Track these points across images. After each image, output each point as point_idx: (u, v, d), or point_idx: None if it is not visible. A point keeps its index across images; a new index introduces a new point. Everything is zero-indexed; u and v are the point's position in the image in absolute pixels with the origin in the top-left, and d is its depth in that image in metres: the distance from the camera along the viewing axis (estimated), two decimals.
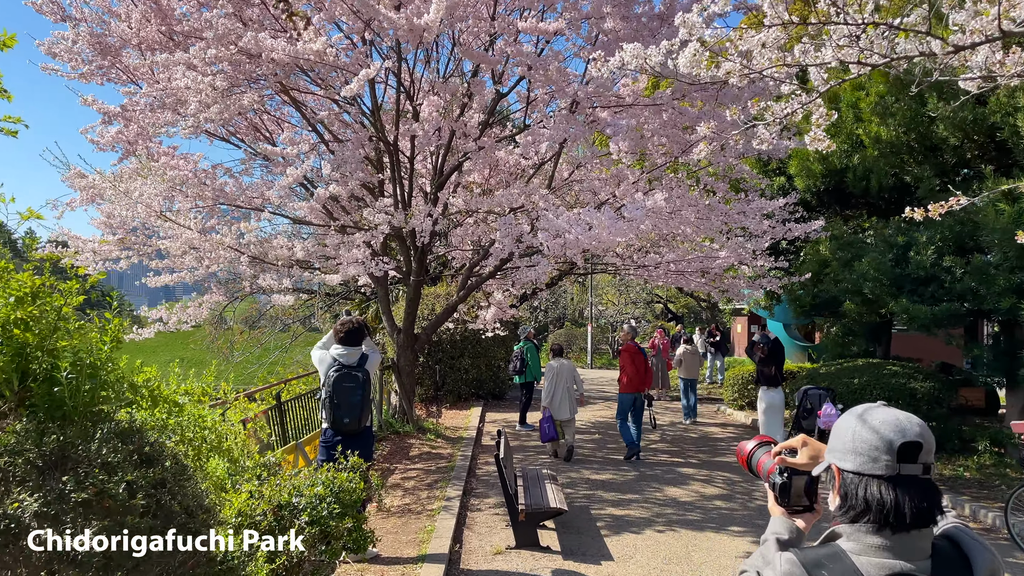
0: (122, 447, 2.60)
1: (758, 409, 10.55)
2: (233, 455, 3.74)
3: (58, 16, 9.92)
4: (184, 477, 2.74)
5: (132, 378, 3.11)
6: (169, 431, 3.22)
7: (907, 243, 9.79)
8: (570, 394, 10.60)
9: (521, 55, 7.56)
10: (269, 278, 10.40)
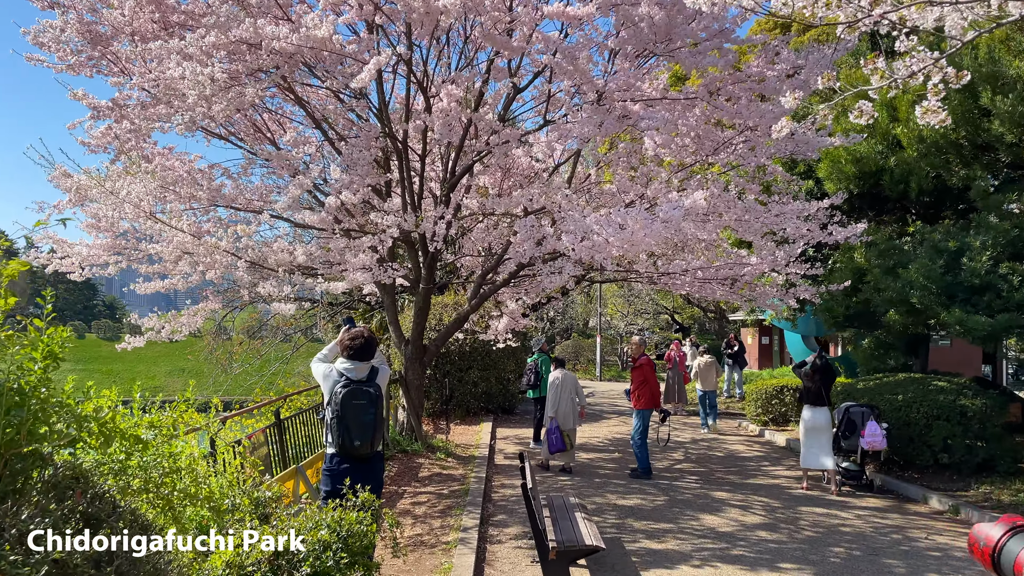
0: (54, 505, 1.86)
1: (800, 430, 9.72)
2: (218, 504, 2.97)
3: (45, 3, 9.23)
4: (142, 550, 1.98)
5: (78, 407, 2.36)
6: (129, 475, 2.47)
7: (959, 248, 9.04)
8: (574, 405, 10.56)
9: (546, 40, 6.83)
10: (269, 285, 9.69)
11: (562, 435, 10.34)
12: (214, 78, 7.41)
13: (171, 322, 10.64)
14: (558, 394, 10.43)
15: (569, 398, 10.48)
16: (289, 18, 7.61)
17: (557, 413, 10.34)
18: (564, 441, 10.34)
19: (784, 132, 3.97)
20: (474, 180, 11.53)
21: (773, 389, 14.72)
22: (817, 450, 9.48)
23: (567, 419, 10.41)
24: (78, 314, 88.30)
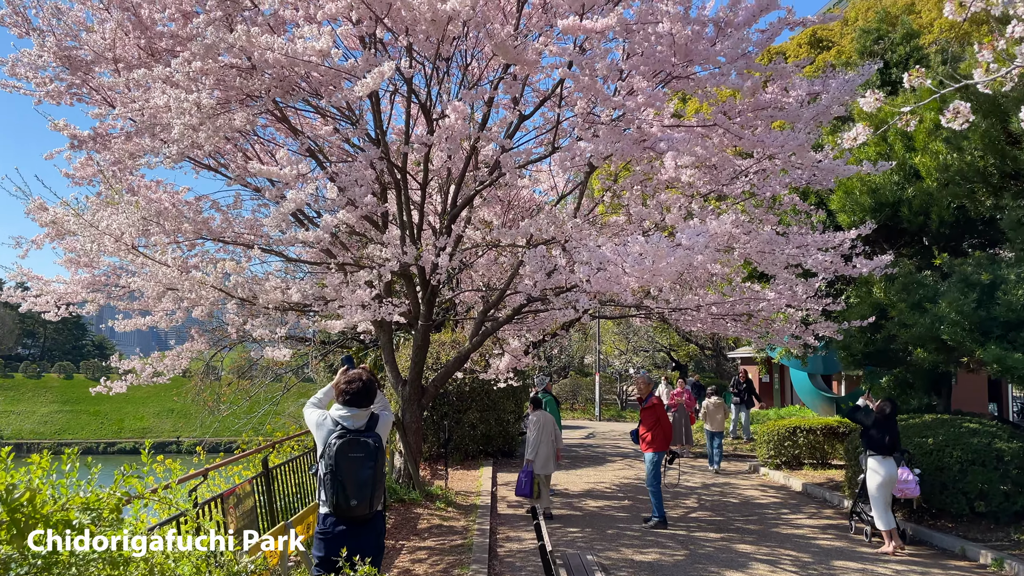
0: None
1: (871, 485, 8.70)
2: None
3: (23, 30, 8.75)
4: None
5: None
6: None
7: (992, 281, 8.52)
8: (553, 448, 10.19)
9: (563, 52, 6.36)
10: (260, 325, 9.09)
11: (533, 480, 9.98)
12: (200, 104, 6.90)
13: (154, 364, 10.01)
14: (538, 438, 10.06)
15: (549, 442, 10.11)
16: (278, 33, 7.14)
17: (536, 458, 9.95)
18: (532, 488, 9.96)
19: (858, 139, 3.42)
20: (475, 213, 11.04)
21: (785, 430, 14.09)
22: (888, 507, 8.61)
23: (547, 464, 10.07)
24: (66, 354, 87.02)
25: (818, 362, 18.05)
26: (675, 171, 7.44)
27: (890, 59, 13.12)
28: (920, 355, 9.75)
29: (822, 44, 21.60)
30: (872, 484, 8.61)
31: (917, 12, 21.36)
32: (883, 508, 8.56)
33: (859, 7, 23.29)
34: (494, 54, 7.11)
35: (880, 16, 14.45)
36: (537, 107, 8.94)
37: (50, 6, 8.45)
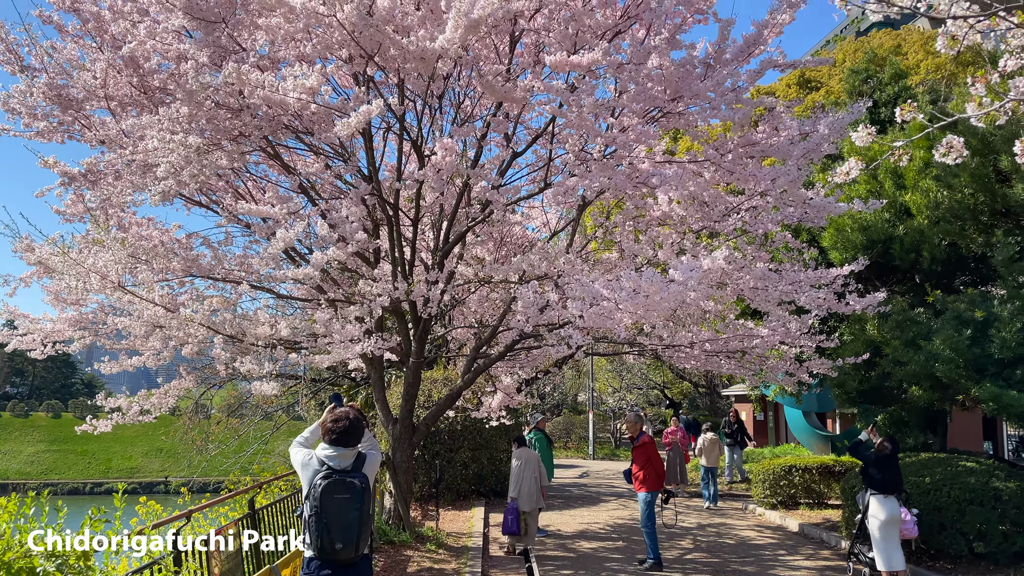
0: None
1: (871, 525, 8.39)
2: None
3: (15, 68, 8.75)
4: None
5: None
6: None
7: (986, 319, 8.49)
8: (537, 486, 10.22)
9: (551, 89, 6.37)
10: (249, 362, 8.97)
11: (519, 518, 9.98)
12: (187, 144, 6.88)
13: (141, 402, 9.86)
14: (521, 474, 10.11)
15: (532, 478, 10.14)
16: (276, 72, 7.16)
17: (520, 494, 10.01)
18: (520, 525, 9.99)
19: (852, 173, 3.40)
20: (467, 249, 11.00)
21: (781, 469, 13.92)
22: (894, 548, 8.23)
23: (530, 500, 10.09)
24: (55, 392, 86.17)
25: (812, 400, 17.95)
26: (667, 207, 7.44)
27: (879, 99, 13.27)
28: (915, 393, 9.67)
29: (811, 84, 21.90)
30: (874, 524, 8.40)
31: (904, 54, 21.73)
32: (891, 548, 8.30)
33: (847, 49, 23.70)
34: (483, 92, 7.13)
35: (868, 57, 14.65)
36: (529, 144, 8.97)
37: (45, 45, 8.47)
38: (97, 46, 8.40)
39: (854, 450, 9.09)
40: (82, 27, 8.20)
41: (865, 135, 3.45)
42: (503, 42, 7.81)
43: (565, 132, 7.43)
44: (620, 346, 10.84)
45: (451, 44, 5.46)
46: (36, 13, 8.17)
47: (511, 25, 7.31)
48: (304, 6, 5.87)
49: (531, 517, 10.23)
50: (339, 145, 8.91)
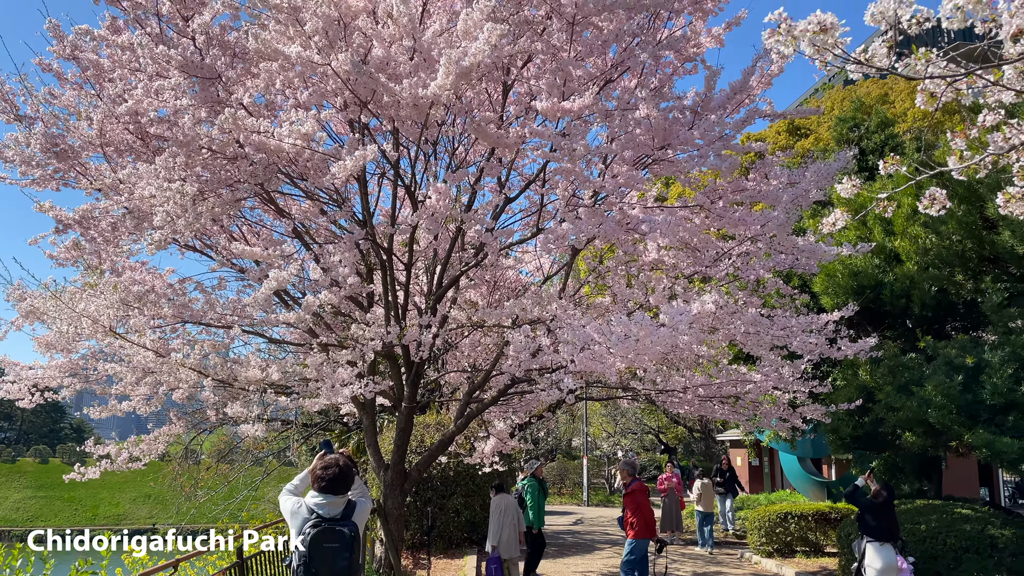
0: None
1: (867, 573, 8.32)
2: None
3: (11, 116, 8.83)
4: None
5: None
6: None
7: (977, 365, 8.53)
8: (516, 531, 10.25)
9: (542, 134, 6.48)
10: (238, 406, 8.90)
11: (503, 566, 9.96)
12: (184, 192, 6.95)
13: (130, 448, 9.75)
14: (500, 521, 10.10)
15: (511, 525, 10.15)
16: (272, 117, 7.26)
17: (500, 542, 9.98)
18: (504, 574, 9.97)
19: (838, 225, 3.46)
20: (461, 293, 11.03)
21: (777, 516, 13.79)
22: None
23: (510, 548, 10.09)
24: (43, 437, 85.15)
25: (807, 445, 17.85)
26: (657, 253, 7.50)
27: (866, 146, 13.49)
28: (908, 439, 9.66)
29: (800, 132, 22.24)
30: (871, 573, 8.30)
31: (891, 102, 22.13)
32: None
33: (835, 97, 24.14)
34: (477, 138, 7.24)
35: (855, 106, 14.94)
36: (522, 190, 9.07)
37: (43, 92, 8.56)
38: (96, 93, 8.50)
39: (850, 497, 9.04)
40: (81, 75, 8.31)
41: (850, 187, 3.52)
42: (496, 90, 7.95)
43: (556, 178, 7.53)
44: (613, 390, 10.81)
45: (443, 90, 5.57)
46: (36, 61, 8.29)
47: (503, 74, 7.45)
48: (299, 55, 5.99)
49: (513, 564, 10.20)
50: (334, 191, 8.99)
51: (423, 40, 6.14)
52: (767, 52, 7.12)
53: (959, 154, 3.01)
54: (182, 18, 7.57)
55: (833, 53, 2.67)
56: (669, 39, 7.20)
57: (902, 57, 2.88)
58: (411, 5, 5.89)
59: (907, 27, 2.63)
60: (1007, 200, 2.97)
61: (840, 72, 2.79)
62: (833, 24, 2.59)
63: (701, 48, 8.16)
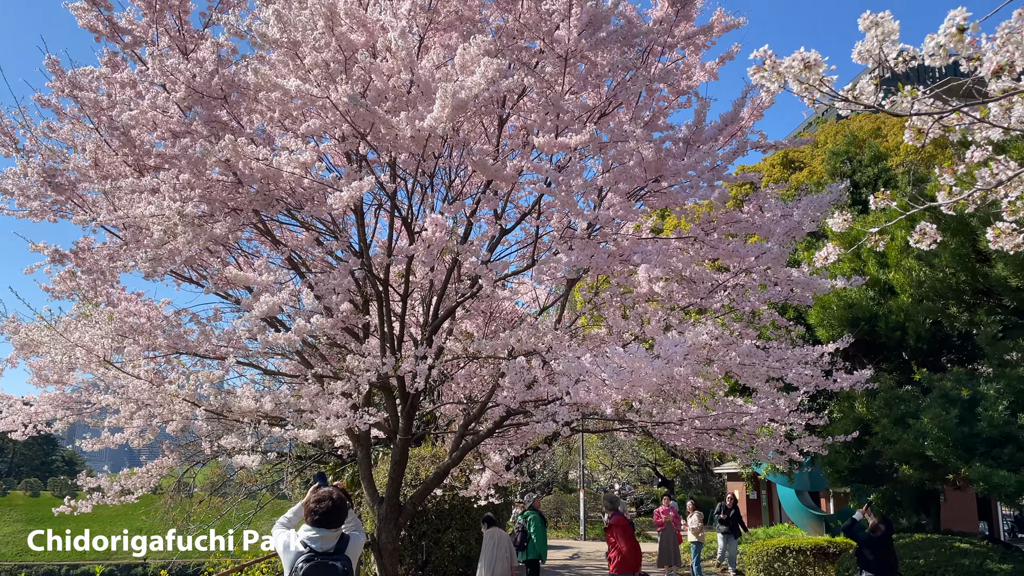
0: None
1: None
2: None
3: (10, 150, 8.90)
4: None
5: None
6: None
7: (972, 397, 8.53)
8: (509, 564, 10.32)
9: (539, 169, 6.54)
10: (233, 437, 8.84)
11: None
12: (183, 212, 6.98)
13: (122, 481, 9.66)
14: (493, 555, 10.12)
15: (504, 558, 10.17)
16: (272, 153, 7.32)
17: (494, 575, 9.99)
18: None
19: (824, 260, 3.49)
20: (457, 324, 11.03)
21: (775, 550, 13.67)
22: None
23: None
24: (35, 470, 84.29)
25: (805, 478, 17.77)
26: (651, 284, 7.53)
27: (860, 180, 13.63)
28: (906, 472, 9.62)
29: (794, 165, 22.44)
30: None
31: (883, 136, 22.36)
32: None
33: (828, 131, 24.40)
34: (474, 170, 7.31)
35: (848, 139, 15.12)
36: (518, 222, 9.12)
37: (41, 125, 8.63)
38: (95, 127, 8.57)
39: (848, 531, 8.98)
40: (80, 109, 8.39)
41: (841, 221, 3.56)
42: (492, 123, 8.04)
43: (551, 210, 7.58)
44: (610, 422, 10.76)
45: (439, 123, 5.64)
46: (34, 97, 8.37)
47: (499, 107, 7.54)
48: (299, 88, 6.06)
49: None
50: (331, 221, 9.04)
51: (421, 73, 6.23)
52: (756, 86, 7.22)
53: (948, 189, 3.05)
54: (182, 52, 7.67)
55: (819, 90, 2.72)
56: (662, 73, 7.31)
57: (890, 94, 2.93)
58: (409, 40, 5.98)
59: (893, 65, 2.68)
60: (997, 235, 3.01)
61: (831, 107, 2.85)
62: (816, 61, 2.64)
63: (694, 81, 8.28)
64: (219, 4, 8.40)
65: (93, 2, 7.77)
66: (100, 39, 7.95)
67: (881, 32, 2.68)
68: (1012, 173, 2.85)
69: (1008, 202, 2.96)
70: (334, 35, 6.29)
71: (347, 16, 6.33)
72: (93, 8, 7.79)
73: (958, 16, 2.63)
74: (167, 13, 7.69)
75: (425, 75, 6.27)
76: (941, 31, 2.64)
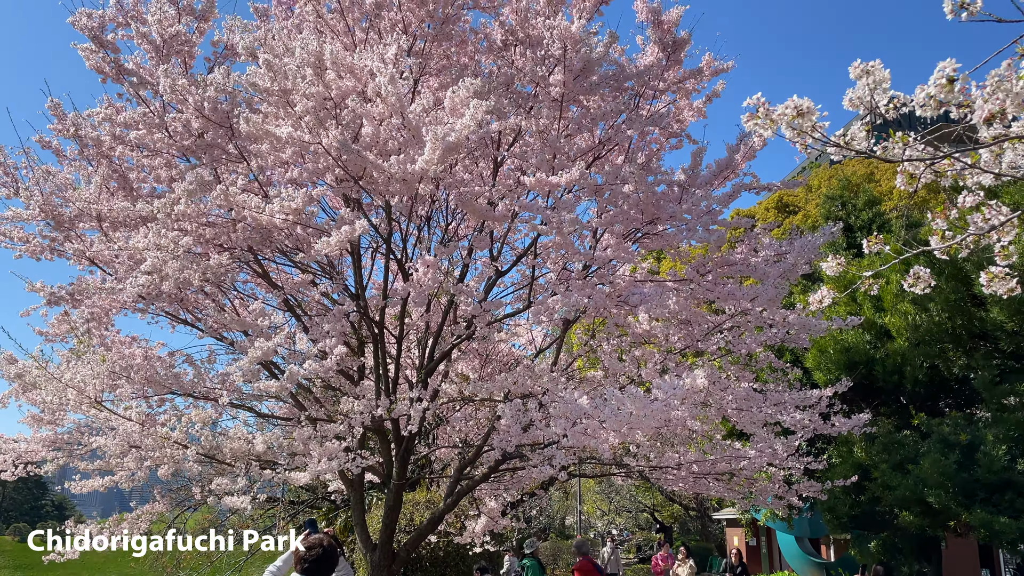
0: None
1: None
2: None
3: (12, 191, 8.95)
4: None
5: None
6: None
7: (971, 442, 8.47)
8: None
9: (532, 208, 6.58)
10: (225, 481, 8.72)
11: None
12: (178, 243, 6.99)
13: (111, 527, 9.51)
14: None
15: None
16: (266, 194, 7.36)
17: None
18: None
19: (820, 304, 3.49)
20: (452, 366, 10.98)
21: None
22: None
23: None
24: (24, 514, 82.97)
25: (804, 524, 17.54)
26: (649, 325, 7.52)
27: (854, 223, 13.73)
28: (906, 518, 9.51)
29: (789, 209, 22.64)
30: None
31: (877, 180, 22.62)
32: None
33: (822, 176, 24.68)
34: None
35: (842, 184, 15.27)
36: (513, 263, 9.15)
37: (41, 169, 8.69)
38: (94, 169, 8.64)
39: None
40: (80, 152, 8.47)
41: (835, 265, 3.58)
42: (487, 166, 8.11)
43: (547, 251, 7.61)
44: (607, 467, 10.66)
45: (430, 165, 5.69)
46: (36, 138, 8.45)
47: (494, 149, 7.62)
48: (291, 135, 6.12)
49: None
50: (327, 263, 9.06)
51: (411, 118, 6.30)
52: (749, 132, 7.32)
53: (941, 234, 3.07)
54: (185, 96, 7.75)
55: (812, 136, 2.75)
56: (655, 116, 7.41)
57: (882, 140, 2.96)
58: (399, 85, 6.07)
59: (884, 112, 2.72)
60: (990, 279, 3.02)
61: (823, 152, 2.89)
62: (809, 108, 2.68)
63: (684, 123, 8.40)
64: (224, 50, 8.55)
65: (101, 44, 7.89)
66: (106, 80, 8.05)
67: (872, 80, 2.73)
68: (1004, 218, 2.88)
69: (1001, 246, 2.98)
70: (323, 81, 6.39)
71: (334, 63, 6.44)
72: (100, 50, 7.91)
73: (947, 67, 2.67)
74: (173, 57, 7.80)
75: (415, 119, 6.35)
76: (931, 82, 2.69)
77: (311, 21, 7.83)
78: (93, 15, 7.93)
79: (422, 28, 7.58)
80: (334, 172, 6.57)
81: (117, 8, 8.03)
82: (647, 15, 8.05)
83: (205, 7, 7.99)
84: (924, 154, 2.85)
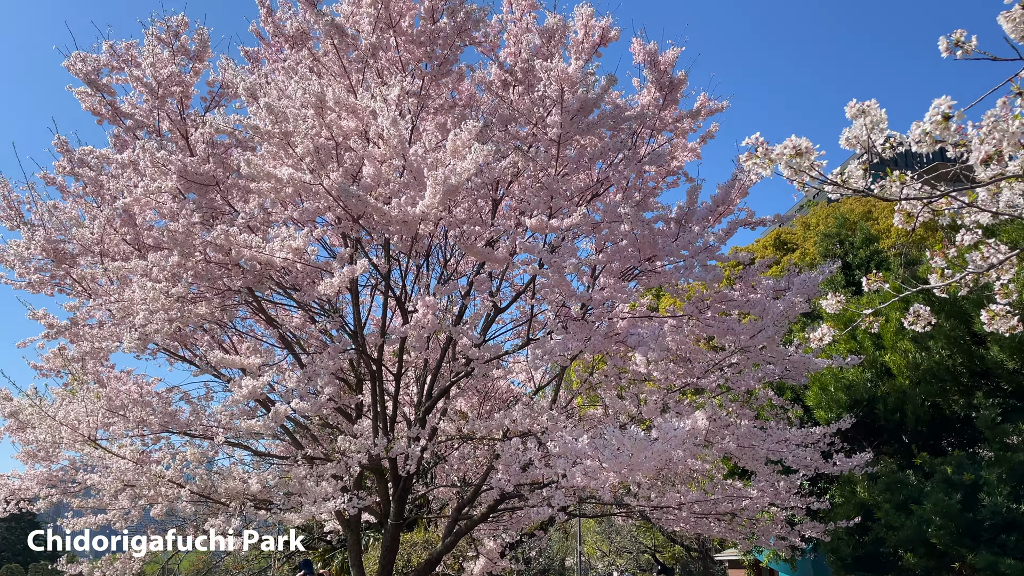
0: None
1: None
2: None
3: (15, 223, 9.01)
4: None
5: None
6: None
7: (974, 483, 8.38)
8: None
9: (531, 249, 6.59)
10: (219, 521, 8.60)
11: None
12: (168, 293, 6.98)
13: (104, 568, 9.36)
14: None
15: None
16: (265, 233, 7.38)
17: None
18: None
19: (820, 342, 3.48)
20: (451, 403, 10.90)
21: None
22: None
23: None
24: (17, 554, 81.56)
25: (808, 566, 17.25)
26: (646, 367, 7.48)
27: (852, 261, 13.75)
28: (910, 560, 9.36)
29: (787, 246, 22.71)
30: None
31: (874, 218, 22.72)
32: None
33: (820, 214, 24.80)
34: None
35: (840, 222, 15.33)
36: (512, 301, 9.14)
37: (48, 205, 8.74)
38: (97, 205, 8.68)
39: None
40: (83, 188, 8.53)
41: (834, 302, 3.57)
42: (487, 205, 8.15)
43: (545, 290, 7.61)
44: (607, 507, 10.52)
45: (431, 208, 5.70)
46: (40, 175, 8.51)
47: (493, 190, 7.66)
48: (291, 176, 6.15)
49: None
50: (326, 301, 9.04)
51: (412, 160, 6.34)
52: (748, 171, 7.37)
53: (940, 272, 3.07)
54: (182, 136, 7.82)
55: (810, 175, 2.76)
56: (653, 155, 7.46)
57: (879, 179, 2.97)
58: (400, 128, 6.11)
59: (881, 151, 2.73)
60: (991, 317, 3.02)
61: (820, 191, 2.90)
62: (808, 148, 2.70)
63: (680, 162, 8.46)
64: (220, 89, 8.63)
65: (96, 87, 7.97)
66: (102, 122, 8.13)
67: (869, 120, 2.75)
68: (1003, 256, 2.87)
69: (1000, 284, 2.98)
70: (324, 123, 6.43)
71: (336, 104, 6.49)
72: (96, 93, 7.98)
73: (943, 104, 2.69)
74: (169, 99, 7.87)
75: (417, 161, 6.39)
76: (927, 119, 2.70)
77: (307, 63, 7.93)
78: (88, 59, 8.01)
79: (419, 68, 7.67)
80: (335, 211, 6.59)
81: (110, 53, 8.12)
82: (644, 56, 8.16)
83: (199, 48, 8.10)
84: (921, 193, 2.86)
